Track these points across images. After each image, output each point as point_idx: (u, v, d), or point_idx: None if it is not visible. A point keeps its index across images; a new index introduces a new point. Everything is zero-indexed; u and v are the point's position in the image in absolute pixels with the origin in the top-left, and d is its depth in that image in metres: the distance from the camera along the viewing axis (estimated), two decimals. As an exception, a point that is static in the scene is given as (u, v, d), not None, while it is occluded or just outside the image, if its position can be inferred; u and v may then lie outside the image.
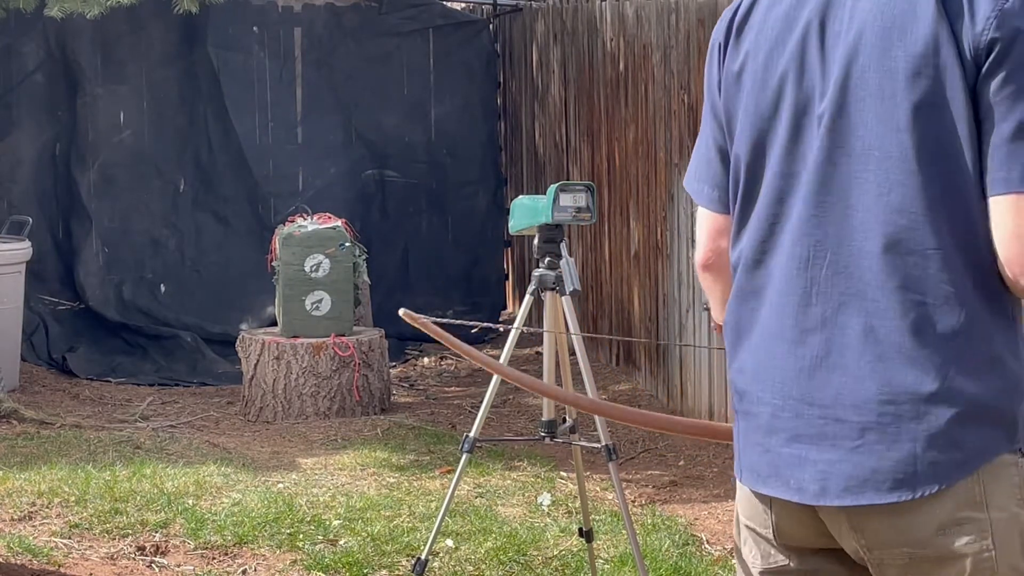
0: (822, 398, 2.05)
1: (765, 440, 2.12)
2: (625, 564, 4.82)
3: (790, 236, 2.09)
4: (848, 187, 2.03)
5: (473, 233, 9.76)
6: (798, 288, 2.08)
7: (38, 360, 8.39)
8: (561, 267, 4.24)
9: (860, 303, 2.02)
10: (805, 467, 2.07)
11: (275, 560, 4.89)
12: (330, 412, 7.13)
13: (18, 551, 4.78)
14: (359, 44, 9.52)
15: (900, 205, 1.99)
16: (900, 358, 2.00)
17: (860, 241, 2.02)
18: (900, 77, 1.99)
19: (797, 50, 2.08)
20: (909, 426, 2.00)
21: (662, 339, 7.28)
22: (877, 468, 2.02)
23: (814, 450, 2.06)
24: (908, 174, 1.98)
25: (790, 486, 2.09)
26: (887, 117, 2.00)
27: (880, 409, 2.01)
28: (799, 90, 2.08)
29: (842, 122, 2.03)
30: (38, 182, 9.02)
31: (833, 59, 2.05)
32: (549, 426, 4.39)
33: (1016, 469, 2.02)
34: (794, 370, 2.08)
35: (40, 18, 8.23)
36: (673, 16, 6.98)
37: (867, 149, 2.01)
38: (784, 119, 2.10)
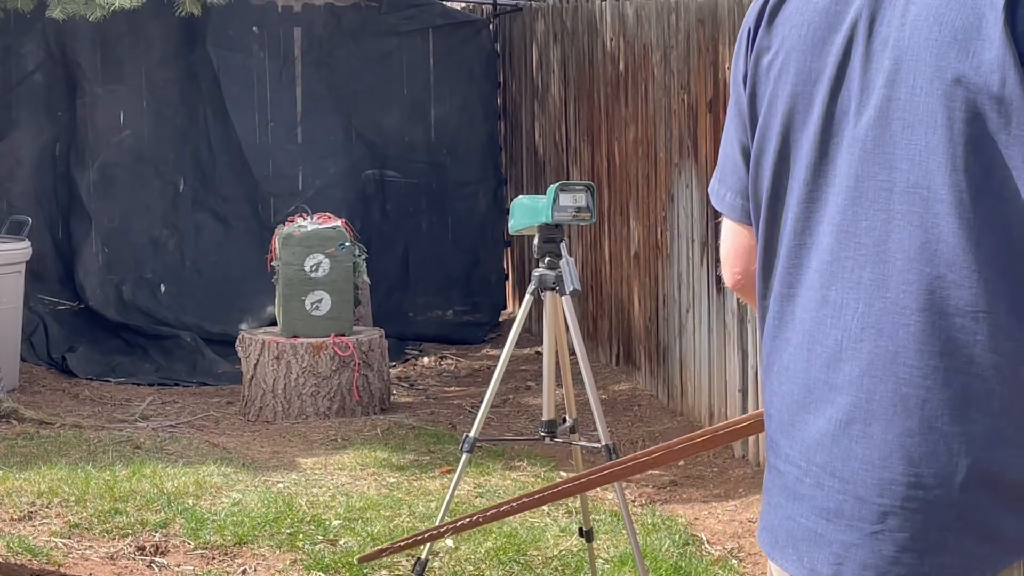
0: (844, 470, 1.77)
1: (787, 505, 1.86)
2: (625, 564, 4.82)
3: (819, 275, 1.80)
4: (887, 228, 1.72)
5: (473, 233, 9.77)
6: (829, 339, 1.79)
7: (38, 360, 8.39)
8: (561, 267, 4.24)
9: (892, 367, 1.73)
10: (820, 546, 1.80)
11: (275, 560, 4.89)
12: (330, 412, 7.13)
13: (18, 551, 4.78)
14: (359, 44, 9.52)
15: (949, 257, 1.68)
16: (934, 435, 1.71)
17: (896, 294, 1.72)
18: (959, 105, 1.66)
19: (838, 54, 1.78)
20: (939, 513, 1.72)
21: (662, 338, 7.28)
22: (898, 559, 1.74)
23: (831, 528, 1.79)
24: (961, 221, 1.67)
25: (803, 564, 1.83)
26: (939, 151, 1.68)
27: (906, 492, 1.72)
28: (834, 102, 1.78)
29: (883, 149, 1.73)
30: (38, 182, 9.02)
31: (878, 71, 1.73)
32: (549, 426, 4.39)
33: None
34: (819, 433, 1.80)
35: (40, 18, 8.23)
36: (673, 16, 6.98)
37: (912, 187, 1.70)
38: (812, 133, 1.80)
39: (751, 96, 1.89)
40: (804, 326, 1.82)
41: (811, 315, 1.81)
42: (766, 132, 1.86)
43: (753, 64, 1.89)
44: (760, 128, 1.87)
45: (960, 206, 1.67)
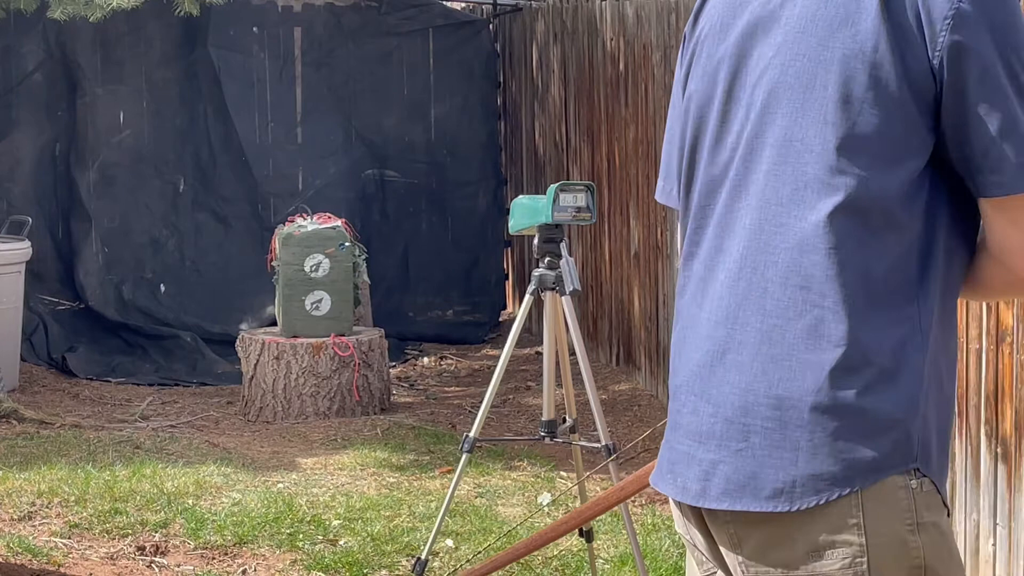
0: (716, 396, 1.96)
1: (670, 435, 2.05)
2: (625, 564, 4.82)
3: (714, 229, 2.00)
4: (768, 179, 1.93)
5: (473, 233, 9.77)
6: (716, 282, 1.99)
7: (38, 360, 8.39)
8: (561, 267, 4.24)
9: (762, 300, 1.93)
10: (691, 465, 1.98)
11: (275, 560, 4.89)
12: (330, 412, 7.13)
13: (18, 551, 4.78)
14: (359, 44, 9.52)
15: (813, 201, 1.89)
16: (792, 362, 1.89)
17: (769, 235, 1.93)
18: (835, 68, 1.88)
19: (739, 35, 1.99)
20: (794, 434, 1.89)
21: (662, 338, 7.28)
22: (757, 474, 1.91)
23: (702, 448, 1.97)
24: (825, 168, 1.88)
25: (676, 484, 2.01)
26: (814, 107, 1.90)
27: (767, 413, 1.91)
28: (735, 78, 1.99)
29: (769, 110, 1.94)
30: (38, 182, 9.02)
31: (771, 45, 1.95)
32: (549, 426, 4.38)
33: (906, 492, 1.89)
34: (697, 364, 2.00)
35: (40, 18, 8.24)
36: (673, 16, 6.98)
37: (788, 140, 1.91)
38: (715, 108, 2.01)
39: (684, 88, 2.10)
40: (699, 275, 2.03)
41: (704, 264, 2.02)
42: (688, 115, 2.07)
43: (688, 61, 2.11)
44: (685, 112, 2.08)
45: (825, 155, 1.88)
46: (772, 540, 1.93)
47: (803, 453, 1.89)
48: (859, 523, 1.88)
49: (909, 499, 1.89)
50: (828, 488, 1.88)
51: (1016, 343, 3.95)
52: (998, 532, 4.06)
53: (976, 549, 4.17)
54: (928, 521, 1.90)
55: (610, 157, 8.03)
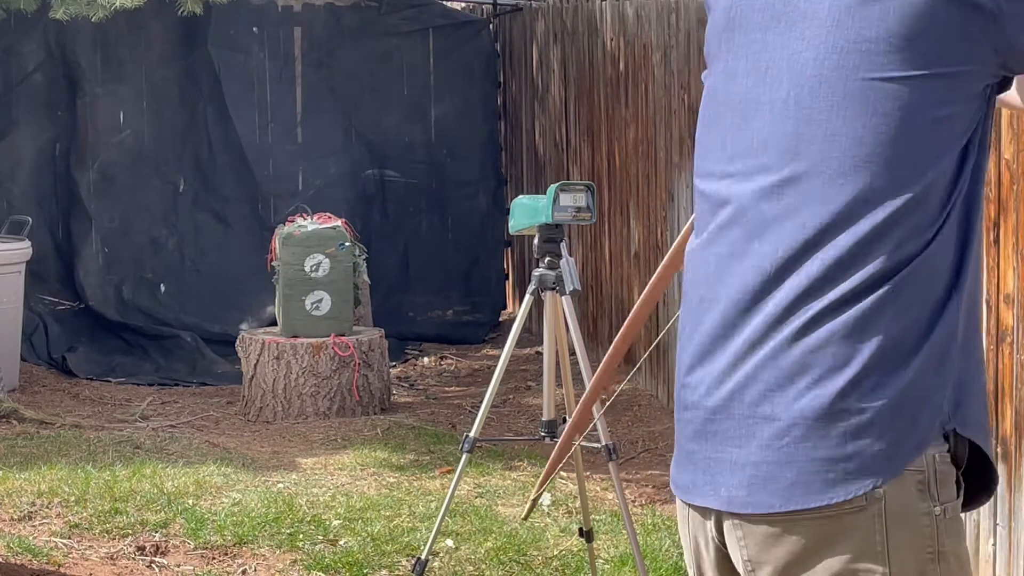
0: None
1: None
2: (625, 564, 4.82)
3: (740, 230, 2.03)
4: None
5: (473, 233, 9.76)
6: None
7: (38, 360, 8.39)
8: (561, 267, 4.24)
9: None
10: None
11: (275, 560, 4.89)
12: (330, 412, 7.13)
13: (18, 551, 4.78)
14: (359, 44, 9.52)
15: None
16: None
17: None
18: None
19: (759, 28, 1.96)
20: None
21: (662, 338, 7.27)
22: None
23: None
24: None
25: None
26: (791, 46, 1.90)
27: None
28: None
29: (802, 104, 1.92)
30: (38, 182, 9.01)
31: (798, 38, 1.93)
32: (549, 426, 4.38)
33: (929, 519, 1.85)
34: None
35: (40, 18, 8.23)
36: (673, 16, 6.98)
37: (777, 73, 1.91)
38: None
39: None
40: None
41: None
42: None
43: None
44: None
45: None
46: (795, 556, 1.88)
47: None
48: (883, 550, 1.84)
49: (932, 526, 1.85)
50: (822, 492, 1.84)
51: (1016, 343, 3.95)
52: (998, 532, 4.06)
53: (976, 549, 4.17)
54: (949, 551, 1.87)
55: (610, 157, 8.03)
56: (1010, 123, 3.98)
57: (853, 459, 1.82)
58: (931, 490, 1.85)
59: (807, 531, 1.85)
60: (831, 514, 1.84)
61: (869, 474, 1.83)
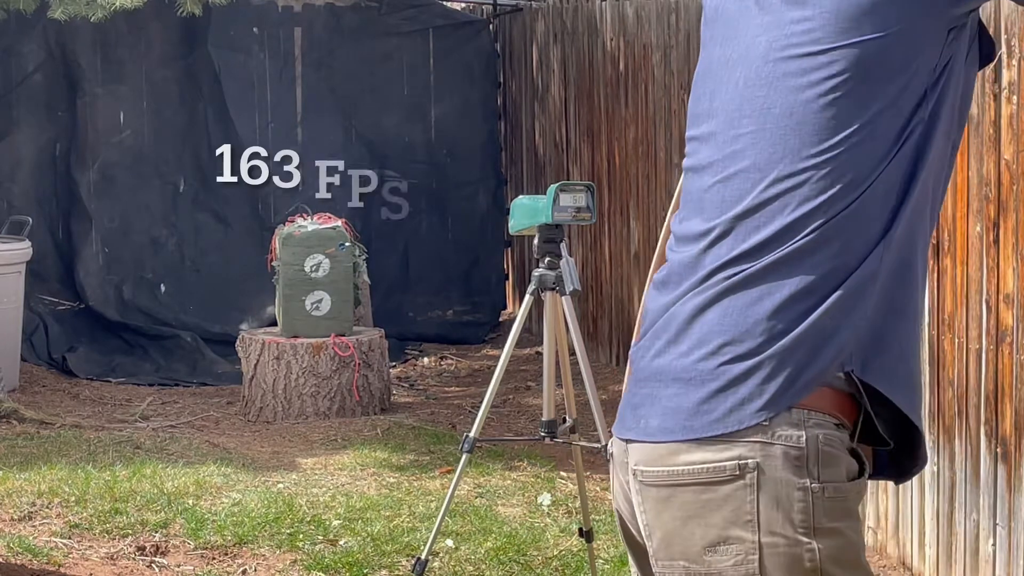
0: None
1: None
2: (625, 564, 4.82)
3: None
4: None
5: (473, 233, 9.76)
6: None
7: (38, 360, 8.39)
8: (561, 267, 4.24)
9: None
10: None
11: (275, 560, 4.89)
12: (330, 412, 7.13)
13: (18, 551, 4.78)
14: (359, 44, 9.52)
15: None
16: None
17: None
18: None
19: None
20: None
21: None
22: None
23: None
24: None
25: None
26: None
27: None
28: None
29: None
30: (38, 182, 9.02)
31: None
32: (549, 426, 4.38)
33: (804, 493, 1.87)
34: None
35: (40, 18, 8.23)
36: (673, 16, 6.98)
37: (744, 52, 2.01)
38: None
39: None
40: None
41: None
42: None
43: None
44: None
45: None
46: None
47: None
48: (754, 520, 1.88)
49: (807, 501, 1.87)
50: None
51: (1016, 343, 3.95)
52: (998, 532, 4.06)
53: (976, 549, 4.17)
54: (827, 527, 1.88)
55: (610, 157, 8.03)
56: (1010, 123, 3.98)
57: (744, 387, 1.88)
58: (808, 466, 1.87)
59: (689, 497, 1.90)
60: (711, 479, 1.89)
61: (761, 406, 1.88)
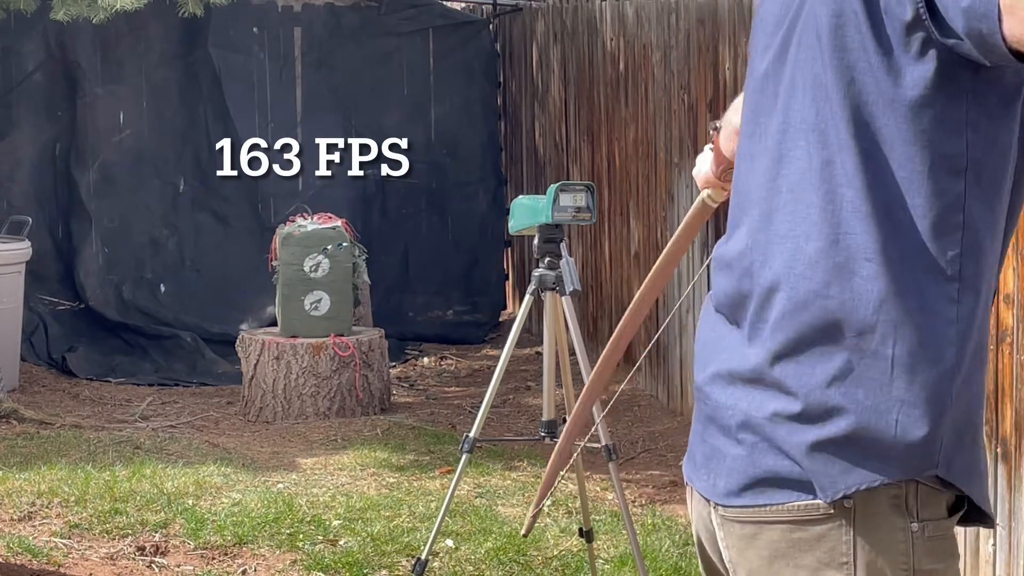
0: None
1: None
2: (625, 564, 4.82)
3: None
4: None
5: (473, 233, 9.76)
6: None
7: (38, 360, 8.39)
8: (561, 267, 4.24)
9: None
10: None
11: (275, 560, 4.89)
12: (330, 412, 7.13)
13: (18, 551, 4.78)
14: (359, 44, 9.52)
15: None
16: None
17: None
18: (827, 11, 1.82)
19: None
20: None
21: (662, 339, 7.27)
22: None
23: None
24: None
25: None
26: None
27: None
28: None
29: (789, 92, 1.90)
30: (38, 182, 9.02)
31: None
32: (549, 426, 4.38)
33: (905, 535, 1.78)
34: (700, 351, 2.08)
35: (40, 18, 8.23)
36: (673, 16, 6.98)
37: (800, 122, 1.90)
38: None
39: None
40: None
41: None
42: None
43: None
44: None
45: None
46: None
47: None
48: (850, 562, 1.78)
49: (907, 543, 1.77)
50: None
51: (1016, 343, 3.95)
52: (998, 532, 4.06)
53: (976, 549, 4.17)
54: (927, 569, 1.78)
55: (610, 157, 8.03)
56: (1010, 123, 3.98)
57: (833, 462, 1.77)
58: (907, 504, 1.77)
59: (776, 536, 1.81)
60: (799, 518, 1.79)
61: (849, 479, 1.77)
